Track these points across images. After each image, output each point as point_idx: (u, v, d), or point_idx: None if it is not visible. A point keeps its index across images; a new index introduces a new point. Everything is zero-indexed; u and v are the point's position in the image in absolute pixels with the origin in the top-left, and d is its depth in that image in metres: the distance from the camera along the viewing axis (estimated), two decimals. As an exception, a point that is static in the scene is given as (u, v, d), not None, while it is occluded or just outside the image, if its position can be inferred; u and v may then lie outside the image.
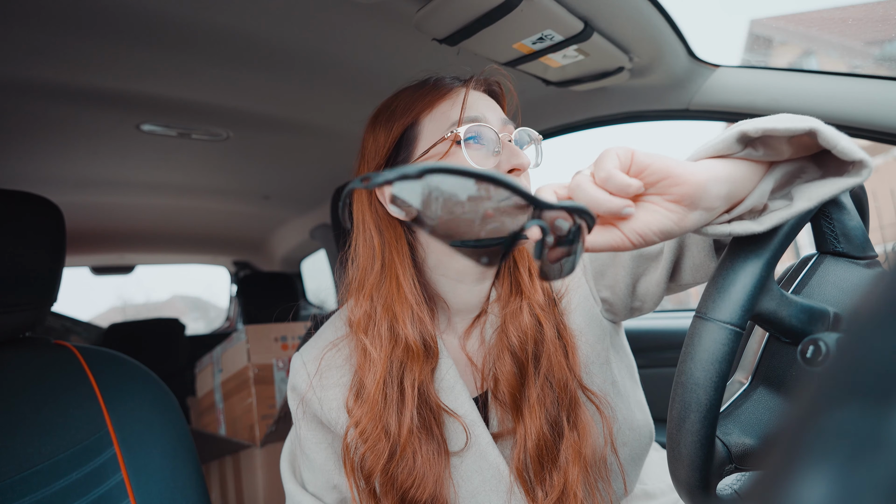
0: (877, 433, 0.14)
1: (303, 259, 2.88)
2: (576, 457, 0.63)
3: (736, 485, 0.58)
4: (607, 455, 0.68)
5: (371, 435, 0.65)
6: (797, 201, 0.48)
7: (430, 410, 0.66)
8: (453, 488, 0.66)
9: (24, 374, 0.83)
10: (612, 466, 0.69)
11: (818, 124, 0.45)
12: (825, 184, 0.47)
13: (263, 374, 1.56)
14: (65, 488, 0.76)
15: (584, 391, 0.67)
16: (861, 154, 0.44)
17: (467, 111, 0.66)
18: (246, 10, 0.87)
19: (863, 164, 0.44)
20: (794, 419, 0.16)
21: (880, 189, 4.72)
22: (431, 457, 0.64)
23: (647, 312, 0.73)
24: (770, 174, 0.50)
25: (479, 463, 0.67)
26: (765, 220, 0.49)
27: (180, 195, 1.97)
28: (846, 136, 0.45)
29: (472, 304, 0.72)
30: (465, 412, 0.67)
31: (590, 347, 0.70)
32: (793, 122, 0.45)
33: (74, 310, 2.79)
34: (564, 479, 0.63)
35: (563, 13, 0.82)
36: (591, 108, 1.28)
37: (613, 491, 0.69)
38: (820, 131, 0.44)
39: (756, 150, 0.48)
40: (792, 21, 5.28)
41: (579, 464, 0.63)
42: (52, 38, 0.90)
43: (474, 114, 0.66)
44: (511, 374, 0.66)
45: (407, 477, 0.63)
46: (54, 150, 1.40)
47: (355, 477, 0.67)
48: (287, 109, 1.29)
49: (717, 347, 0.46)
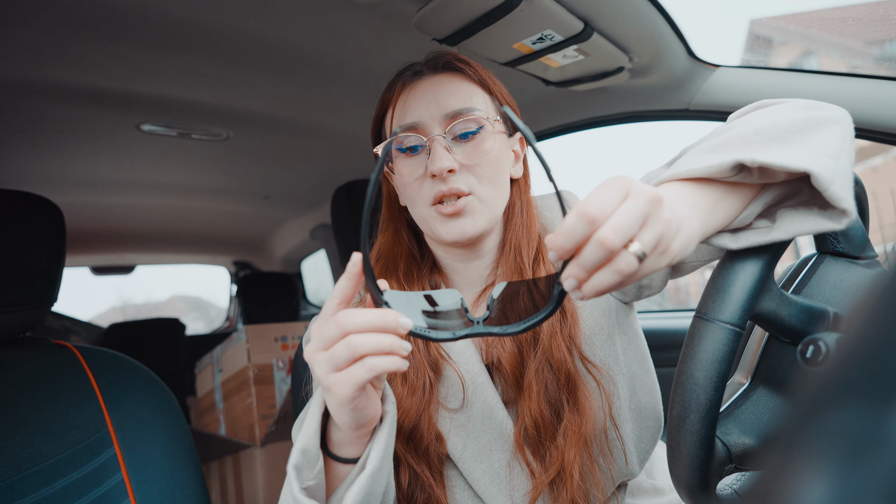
0: (876, 433, 0.14)
1: (303, 259, 2.88)
2: (574, 438, 0.64)
3: (736, 484, 0.58)
4: (608, 428, 0.68)
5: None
6: (775, 230, 0.49)
7: (427, 354, 0.70)
8: (461, 445, 0.68)
9: (24, 374, 0.83)
10: (614, 441, 0.69)
11: (815, 166, 0.44)
12: (806, 219, 0.48)
13: (263, 374, 1.56)
14: (65, 488, 0.76)
15: (584, 362, 0.68)
16: (847, 204, 0.44)
17: (406, 117, 0.70)
18: (246, 10, 0.87)
19: (845, 214, 0.45)
20: (794, 419, 0.16)
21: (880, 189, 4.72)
22: (413, 389, 0.68)
23: (655, 293, 0.74)
24: (761, 197, 0.51)
25: (486, 422, 0.68)
26: (741, 238, 0.50)
27: (180, 195, 1.97)
28: (840, 177, 0.45)
29: (473, 278, 0.76)
30: (475, 374, 0.70)
31: (593, 321, 0.71)
32: (792, 158, 0.45)
33: (74, 310, 2.79)
34: (562, 459, 0.64)
35: (563, 13, 0.82)
36: (591, 108, 1.28)
37: (616, 465, 0.69)
38: (814, 174, 0.44)
39: (751, 175, 0.48)
40: (792, 21, 5.28)
41: (577, 445, 0.64)
42: (52, 38, 0.90)
43: (412, 120, 0.69)
44: (511, 353, 0.68)
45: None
46: (54, 150, 1.40)
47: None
48: (287, 109, 1.29)
49: (717, 347, 0.46)
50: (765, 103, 0.59)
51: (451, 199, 0.68)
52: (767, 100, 0.59)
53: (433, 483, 0.66)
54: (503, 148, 0.72)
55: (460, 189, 0.67)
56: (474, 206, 0.68)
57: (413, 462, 0.66)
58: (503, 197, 0.72)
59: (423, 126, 0.69)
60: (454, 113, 0.68)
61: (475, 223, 0.68)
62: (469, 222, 0.68)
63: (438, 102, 0.69)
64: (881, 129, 0.90)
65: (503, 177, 0.71)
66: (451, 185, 0.67)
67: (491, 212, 0.70)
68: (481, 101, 0.71)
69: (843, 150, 0.48)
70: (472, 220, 0.68)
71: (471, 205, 0.68)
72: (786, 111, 0.53)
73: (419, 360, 0.70)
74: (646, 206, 0.42)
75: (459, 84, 0.71)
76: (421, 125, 0.69)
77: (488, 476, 0.67)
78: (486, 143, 0.69)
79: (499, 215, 0.72)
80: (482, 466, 0.68)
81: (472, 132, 0.68)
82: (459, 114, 0.68)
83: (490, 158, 0.69)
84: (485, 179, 0.69)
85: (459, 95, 0.70)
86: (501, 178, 0.71)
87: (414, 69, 0.73)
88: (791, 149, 0.47)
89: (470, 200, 0.68)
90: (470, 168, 0.68)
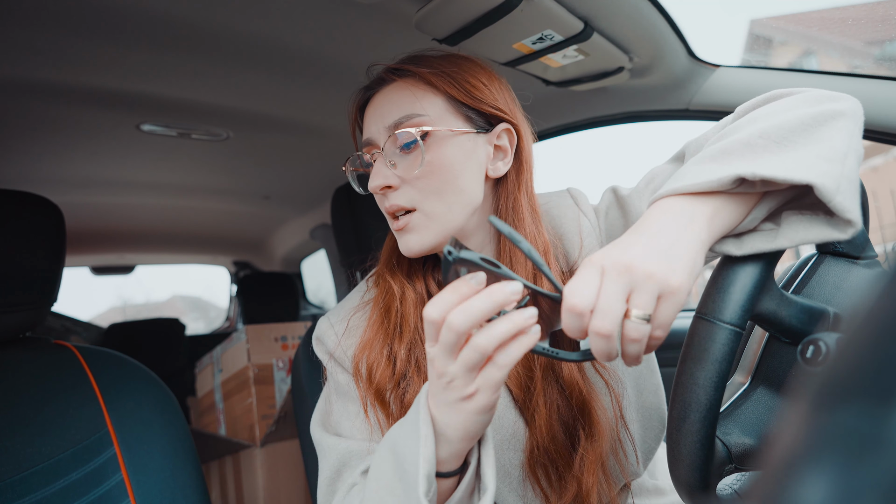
0: (877, 433, 0.14)
1: (303, 259, 2.88)
2: (592, 466, 0.63)
3: (736, 485, 0.58)
4: (619, 429, 0.67)
5: (374, 351, 0.69)
6: (780, 237, 0.48)
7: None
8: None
9: (24, 374, 0.83)
10: (624, 441, 0.68)
11: (818, 176, 0.44)
12: (810, 228, 0.47)
13: (263, 374, 1.56)
14: (65, 488, 0.76)
15: (593, 364, 0.68)
16: (852, 214, 0.44)
17: (363, 134, 0.70)
18: (246, 10, 0.87)
19: (850, 224, 0.45)
20: (794, 419, 0.16)
21: (880, 189, 4.72)
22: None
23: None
24: (764, 203, 0.50)
25: (497, 422, 0.67)
26: (745, 245, 0.49)
27: (180, 195, 1.97)
28: (846, 184, 0.44)
29: None
30: None
31: None
32: (795, 168, 0.44)
33: (74, 310, 2.79)
34: (578, 486, 0.63)
35: (563, 13, 0.82)
36: (591, 108, 1.28)
37: (625, 466, 0.69)
38: (817, 186, 0.44)
39: (753, 185, 0.48)
40: (792, 21, 5.28)
41: (596, 470, 0.63)
42: (52, 38, 0.90)
43: (365, 136, 0.69)
44: (516, 376, 0.67)
45: (412, 398, 0.66)
46: (54, 150, 1.40)
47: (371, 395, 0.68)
48: (287, 109, 1.29)
49: (717, 347, 0.46)
50: (775, 94, 0.57)
51: (399, 215, 0.66)
52: (779, 90, 0.58)
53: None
54: (461, 151, 0.66)
55: (401, 205, 0.65)
56: (418, 222, 0.65)
57: None
58: (459, 207, 0.66)
59: (374, 141, 0.68)
60: (394, 123, 0.65)
61: (420, 240, 0.66)
62: (414, 238, 0.66)
63: (383, 114, 0.67)
64: (881, 129, 0.90)
65: (457, 185, 0.65)
66: (391, 201, 0.66)
67: (441, 225, 0.66)
68: (430, 104, 0.65)
69: (851, 149, 0.47)
70: (418, 236, 0.66)
71: (414, 221, 0.65)
72: (794, 106, 0.52)
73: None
74: (623, 279, 0.43)
75: (405, 91, 0.66)
76: (373, 141, 0.68)
77: (499, 476, 0.67)
78: (431, 151, 0.64)
79: (456, 225, 0.67)
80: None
81: (412, 142, 0.64)
82: (399, 123, 0.65)
83: (433, 169, 0.64)
84: (428, 192, 0.65)
85: (402, 103, 0.65)
86: (453, 187, 0.65)
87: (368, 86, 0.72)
88: (795, 154, 0.46)
89: (414, 217, 0.65)
90: (411, 182, 0.65)
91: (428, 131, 0.64)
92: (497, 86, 0.70)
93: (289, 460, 1.53)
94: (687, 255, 0.45)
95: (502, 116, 0.69)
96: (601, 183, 2.82)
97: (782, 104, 0.54)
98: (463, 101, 0.66)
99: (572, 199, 0.77)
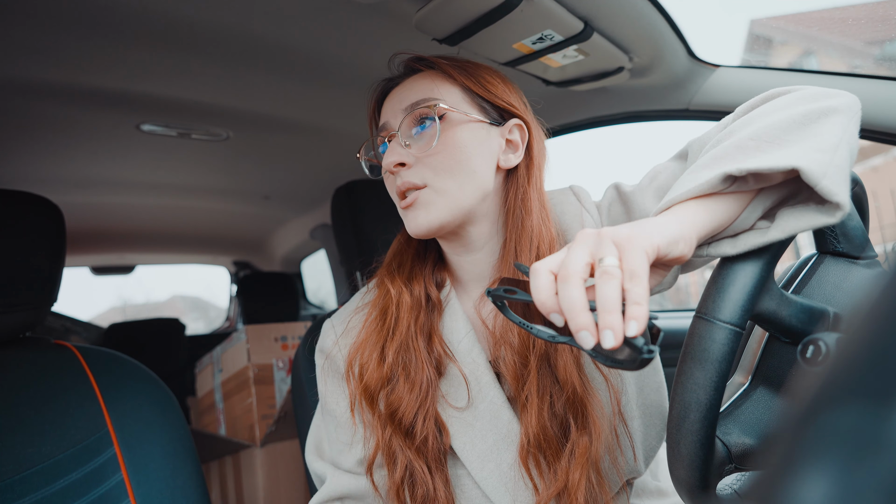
0: (876, 433, 0.14)
1: (303, 259, 2.88)
2: (581, 460, 0.63)
3: (736, 485, 0.58)
4: (616, 424, 0.67)
5: (366, 351, 0.71)
6: (773, 230, 0.49)
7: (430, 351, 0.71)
8: (469, 444, 0.68)
9: (24, 374, 0.83)
10: (622, 437, 0.68)
11: (804, 161, 0.44)
12: (802, 216, 0.47)
13: (263, 374, 1.56)
14: (65, 488, 0.76)
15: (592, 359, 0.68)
16: (839, 197, 0.44)
17: (379, 121, 0.74)
18: (246, 10, 0.87)
19: (838, 207, 0.45)
20: (793, 419, 0.16)
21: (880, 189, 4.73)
22: (414, 385, 0.69)
23: (666, 289, 0.73)
24: (758, 201, 0.50)
25: (493, 422, 0.68)
26: (740, 243, 0.50)
27: (180, 195, 1.97)
28: (833, 171, 0.44)
29: (477, 272, 0.75)
30: (480, 373, 0.70)
31: None
32: (781, 157, 0.45)
33: (74, 310, 2.79)
34: (566, 480, 0.63)
35: (563, 13, 0.82)
36: (591, 108, 1.28)
37: (624, 462, 0.69)
38: (803, 170, 0.44)
39: (746, 182, 0.48)
40: (792, 21, 5.28)
41: (584, 466, 0.63)
42: (52, 38, 0.90)
43: (382, 122, 0.72)
44: (512, 364, 0.67)
45: (396, 398, 0.68)
46: (54, 150, 1.40)
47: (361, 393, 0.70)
48: (287, 109, 1.29)
49: (717, 347, 0.46)
50: (773, 93, 0.58)
51: (410, 192, 0.68)
52: (777, 88, 0.58)
53: (429, 477, 0.66)
54: (475, 137, 0.69)
55: (413, 182, 0.67)
56: (428, 197, 0.67)
57: (412, 457, 0.66)
58: (472, 187, 0.68)
59: (390, 125, 0.70)
60: (410, 106, 0.68)
61: (428, 215, 0.67)
62: (422, 214, 0.67)
63: (401, 99, 0.70)
64: (881, 129, 0.90)
65: (469, 166, 0.67)
66: (403, 178, 0.67)
67: (451, 202, 0.67)
68: (447, 92, 0.69)
69: (843, 142, 0.48)
70: (426, 211, 0.67)
71: (423, 196, 0.67)
72: (789, 105, 0.53)
73: (421, 359, 0.70)
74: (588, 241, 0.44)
75: (423, 80, 0.70)
76: (389, 125, 0.71)
77: (496, 476, 0.67)
78: (446, 132, 0.67)
79: (466, 206, 0.68)
80: (489, 466, 0.67)
81: (428, 120, 0.67)
82: (415, 106, 0.68)
83: (447, 148, 0.67)
84: (441, 170, 0.67)
85: (420, 89, 0.69)
86: (465, 167, 0.67)
87: (390, 78, 0.75)
88: (785, 150, 0.47)
89: (423, 192, 0.67)
90: (425, 160, 0.67)
91: (444, 113, 0.67)
92: (510, 87, 0.75)
93: (289, 460, 1.53)
94: (659, 223, 0.46)
95: (514, 112, 0.73)
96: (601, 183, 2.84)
97: (778, 103, 0.55)
98: (478, 93, 0.70)
99: (575, 195, 0.78)
